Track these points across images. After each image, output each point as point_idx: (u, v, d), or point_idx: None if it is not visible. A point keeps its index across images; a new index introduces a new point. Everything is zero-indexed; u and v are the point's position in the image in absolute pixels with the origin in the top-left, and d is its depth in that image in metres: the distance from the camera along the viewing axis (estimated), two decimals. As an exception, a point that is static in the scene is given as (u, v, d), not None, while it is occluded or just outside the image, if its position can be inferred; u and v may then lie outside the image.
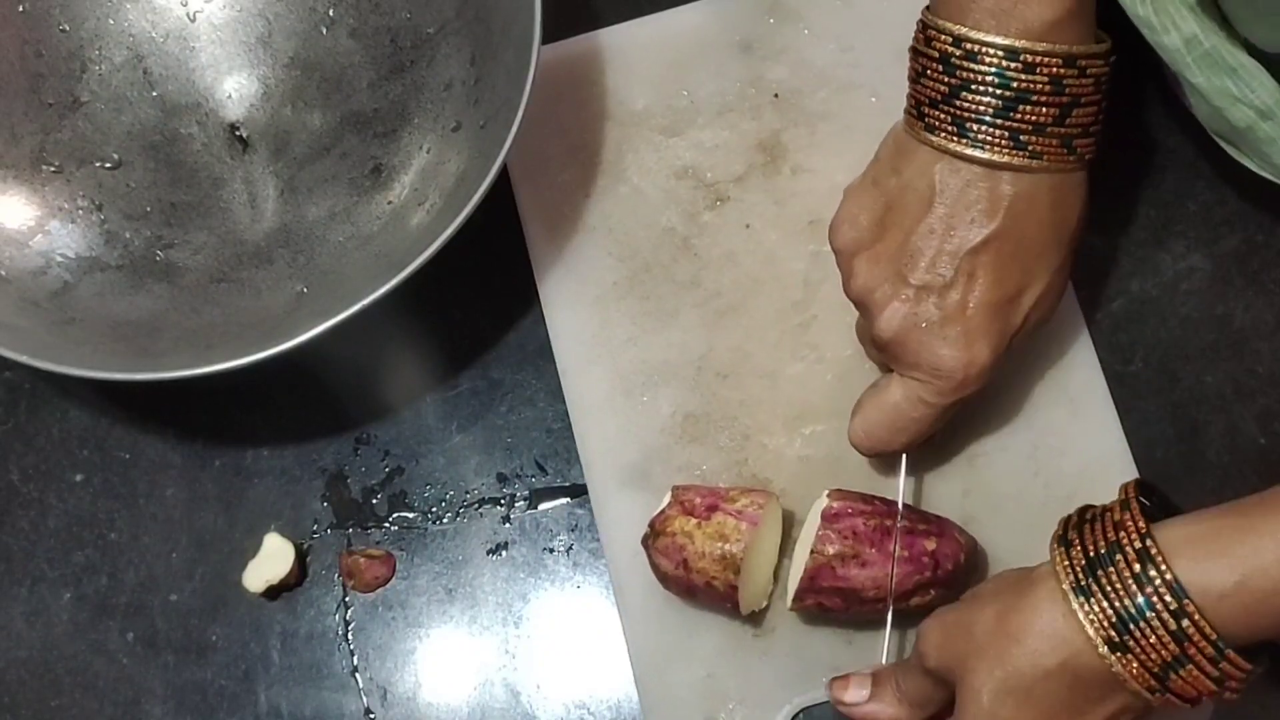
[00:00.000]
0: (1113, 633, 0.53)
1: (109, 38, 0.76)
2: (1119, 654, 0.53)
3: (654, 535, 0.65)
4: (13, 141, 0.73)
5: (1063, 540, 0.56)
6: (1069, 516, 0.57)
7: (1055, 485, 0.68)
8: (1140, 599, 0.52)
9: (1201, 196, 0.73)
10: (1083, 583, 0.53)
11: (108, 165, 0.75)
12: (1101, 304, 0.72)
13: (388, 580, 0.71)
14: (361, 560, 0.71)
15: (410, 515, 0.72)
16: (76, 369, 0.64)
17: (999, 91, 0.58)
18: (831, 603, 0.64)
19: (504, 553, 0.71)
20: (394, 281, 0.62)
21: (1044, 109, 0.58)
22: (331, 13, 0.76)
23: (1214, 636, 0.51)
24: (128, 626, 0.71)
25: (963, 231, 0.59)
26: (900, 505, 0.65)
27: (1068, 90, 0.58)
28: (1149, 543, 0.53)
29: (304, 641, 0.71)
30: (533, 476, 0.72)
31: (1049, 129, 0.58)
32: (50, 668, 0.71)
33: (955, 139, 0.59)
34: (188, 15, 0.77)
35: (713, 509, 0.64)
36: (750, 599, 0.65)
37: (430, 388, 0.74)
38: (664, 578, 0.65)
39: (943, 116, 0.59)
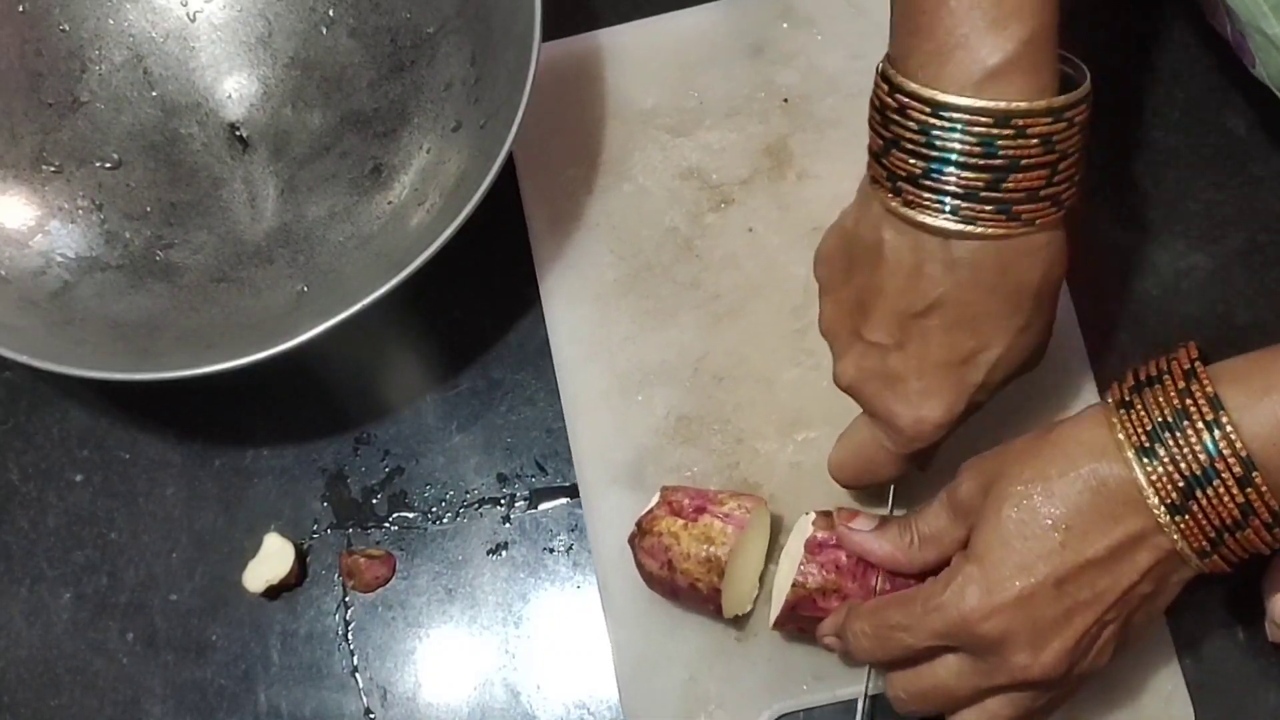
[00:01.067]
0: (1175, 496, 0.52)
1: (109, 38, 0.76)
2: (1178, 517, 0.52)
3: (641, 535, 0.65)
4: (13, 141, 0.73)
5: (1123, 404, 0.54)
6: (1123, 379, 0.56)
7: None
8: (1207, 465, 0.51)
9: (1202, 196, 0.73)
10: (1147, 445, 0.52)
11: (108, 165, 0.75)
12: (1101, 304, 0.72)
13: (388, 580, 0.71)
14: (361, 560, 0.71)
15: (410, 515, 0.72)
16: (76, 369, 0.64)
17: (925, 151, 0.53)
18: (811, 629, 0.64)
19: (504, 553, 0.71)
20: (394, 281, 0.62)
21: (974, 174, 0.52)
22: (331, 13, 0.76)
23: (1275, 505, 0.51)
24: (128, 626, 0.71)
25: (909, 295, 0.56)
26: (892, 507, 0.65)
27: (1001, 153, 0.52)
28: (1220, 413, 0.51)
29: (304, 641, 0.71)
30: (533, 476, 0.72)
31: (981, 194, 0.53)
32: (50, 667, 0.71)
33: (891, 197, 0.55)
34: (188, 15, 0.77)
35: (700, 511, 0.64)
36: (733, 603, 0.65)
37: (430, 388, 0.74)
38: (649, 577, 0.65)
39: (880, 172, 0.55)
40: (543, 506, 0.72)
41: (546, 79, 0.72)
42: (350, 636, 0.71)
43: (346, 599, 0.71)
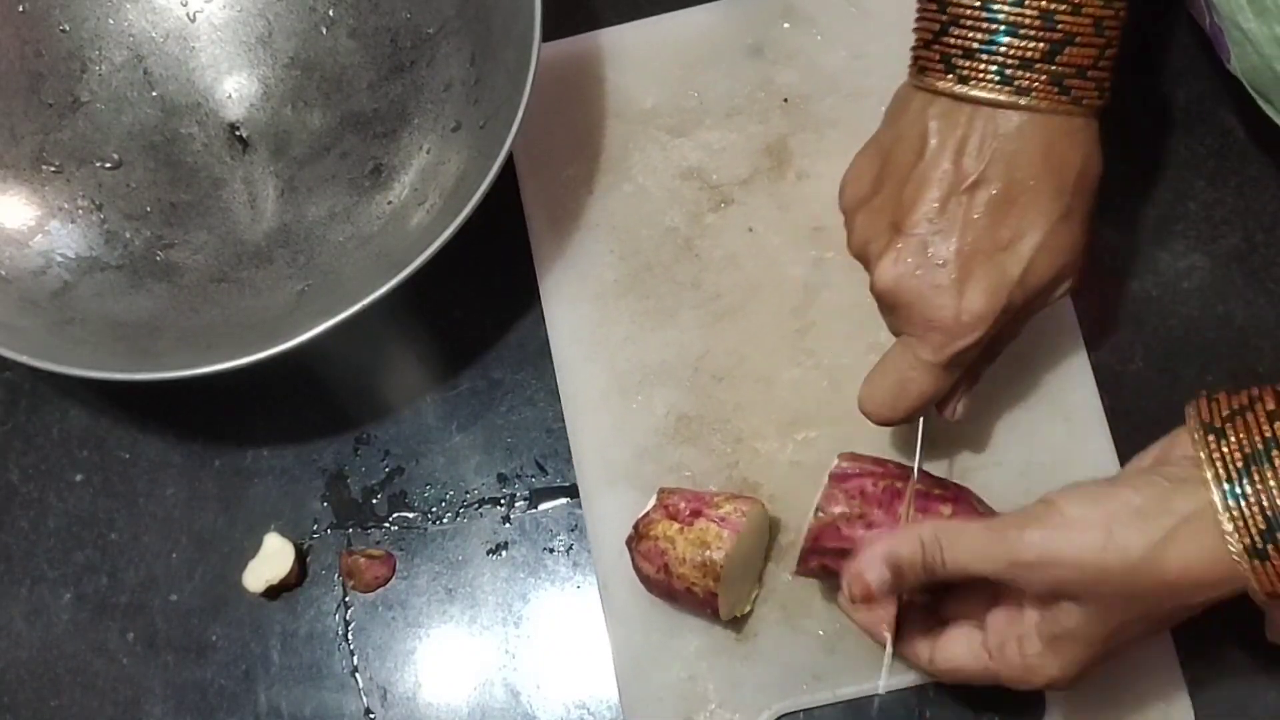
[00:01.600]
0: (1257, 539, 0.51)
1: (109, 38, 0.76)
2: (1256, 561, 0.51)
3: (637, 538, 0.65)
4: (13, 141, 0.73)
5: (1210, 428, 0.54)
6: (1213, 399, 0.55)
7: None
8: None
9: (1201, 196, 0.73)
10: (1234, 480, 0.52)
11: (108, 165, 0.75)
12: (1101, 304, 0.72)
13: (388, 580, 0.71)
14: (361, 560, 0.71)
15: (410, 515, 0.72)
16: (76, 369, 0.64)
17: (987, 24, 0.57)
18: (836, 565, 0.61)
19: (504, 553, 0.71)
20: (394, 281, 0.62)
21: (1032, 43, 0.56)
22: (331, 13, 0.76)
23: None
24: (128, 626, 0.71)
25: (953, 175, 0.58)
26: (916, 470, 0.63)
27: (1059, 26, 0.56)
28: None
29: (304, 641, 0.71)
30: (533, 476, 0.72)
31: (1037, 64, 0.57)
32: (50, 668, 0.71)
33: (942, 76, 0.58)
34: (188, 15, 0.77)
35: (697, 514, 0.64)
36: (730, 606, 0.65)
37: (430, 388, 0.74)
38: (645, 580, 0.65)
39: (932, 56, 0.59)
40: (543, 506, 0.72)
41: (546, 79, 0.72)
42: (350, 636, 0.71)
43: (346, 599, 0.71)
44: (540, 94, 0.66)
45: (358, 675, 0.70)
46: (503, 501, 0.72)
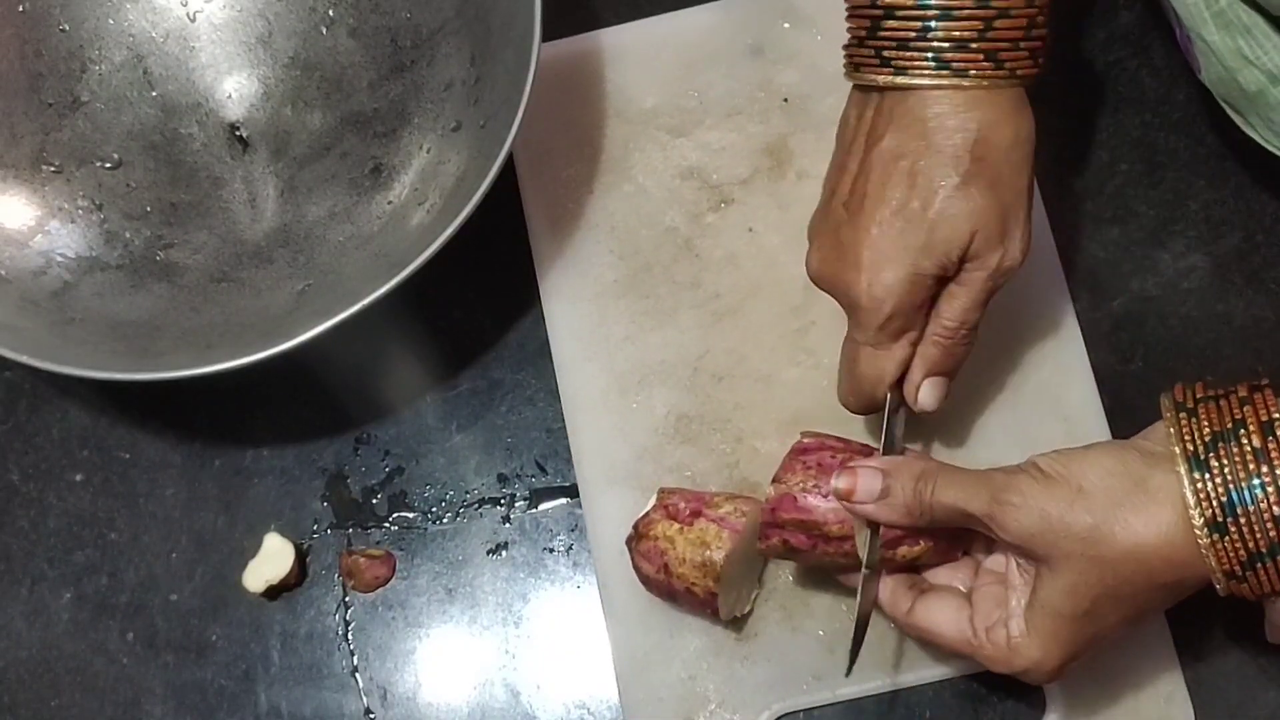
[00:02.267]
0: (1218, 512, 0.53)
1: (109, 38, 0.76)
2: (1216, 535, 0.53)
3: (637, 538, 0.65)
4: (13, 141, 0.73)
5: (1182, 408, 0.55)
6: (1188, 387, 0.56)
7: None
8: (1255, 481, 0.52)
9: (1201, 196, 0.73)
10: (1201, 457, 0.53)
11: (108, 165, 0.75)
12: (1101, 304, 0.72)
13: (388, 580, 0.71)
14: (361, 560, 0.71)
15: (410, 515, 0.72)
16: (76, 369, 0.64)
17: (920, 13, 0.58)
18: (796, 540, 0.61)
19: (504, 553, 0.71)
20: (394, 281, 0.62)
21: (966, 24, 0.57)
22: (331, 13, 0.76)
23: None
24: (128, 626, 0.71)
25: (864, 157, 0.60)
26: (882, 447, 0.62)
27: (992, 3, 0.57)
28: (1271, 438, 0.52)
29: (304, 641, 0.71)
30: (533, 476, 0.72)
31: (972, 44, 0.58)
32: (50, 668, 0.71)
33: (879, 71, 0.59)
34: (188, 15, 0.77)
35: (696, 515, 0.64)
36: (730, 606, 0.65)
37: (430, 388, 0.74)
38: (645, 580, 0.65)
39: (866, 52, 0.59)
40: (543, 506, 0.72)
41: (546, 79, 0.72)
42: (350, 636, 0.71)
43: (346, 599, 0.71)
44: (540, 94, 0.66)
45: (358, 675, 0.70)
46: (503, 501, 0.72)
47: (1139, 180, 0.74)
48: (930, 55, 0.58)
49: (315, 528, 0.72)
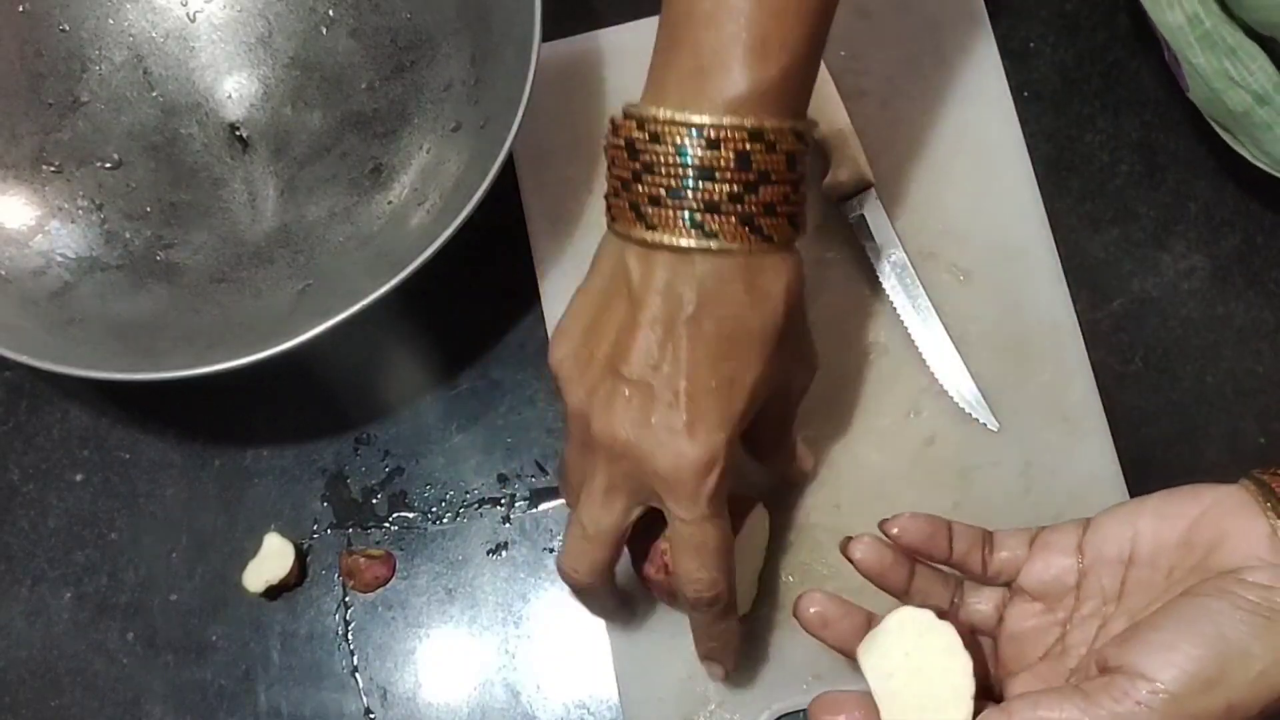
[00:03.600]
0: None
1: (109, 38, 0.76)
2: None
3: (636, 538, 0.65)
4: (13, 141, 0.73)
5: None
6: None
7: (1045, 504, 0.68)
8: None
9: (1201, 196, 0.73)
10: None
11: (108, 165, 0.75)
12: (1101, 304, 0.72)
13: (388, 580, 0.71)
14: (361, 560, 0.71)
15: (410, 515, 0.72)
16: (76, 369, 0.64)
17: (679, 170, 0.55)
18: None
19: (504, 553, 0.71)
20: (394, 281, 0.62)
21: (724, 185, 0.54)
22: (331, 13, 0.76)
23: None
24: (128, 626, 0.71)
25: (664, 317, 0.56)
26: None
27: (754, 166, 0.55)
28: None
29: (304, 641, 0.71)
30: (533, 476, 0.72)
31: (724, 207, 0.55)
32: (50, 668, 0.71)
33: (634, 225, 0.56)
34: (188, 15, 0.77)
35: None
36: None
37: (430, 388, 0.74)
38: (645, 581, 0.65)
39: (621, 204, 0.57)
40: (543, 506, 0.72)
41: (546, 79, 0.72)
42: (350, 636, 0.71)
43: (346, 599, 0.71)
44: (539, 94, 0.66)
45: (358, 675, 0.70)
46: (503, 501, 0.72)
47: (1139, 180, 0.74)
48: (685, 214, 0.55)
49: (315, 528, 0.72)
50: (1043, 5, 0.77)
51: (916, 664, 0.56)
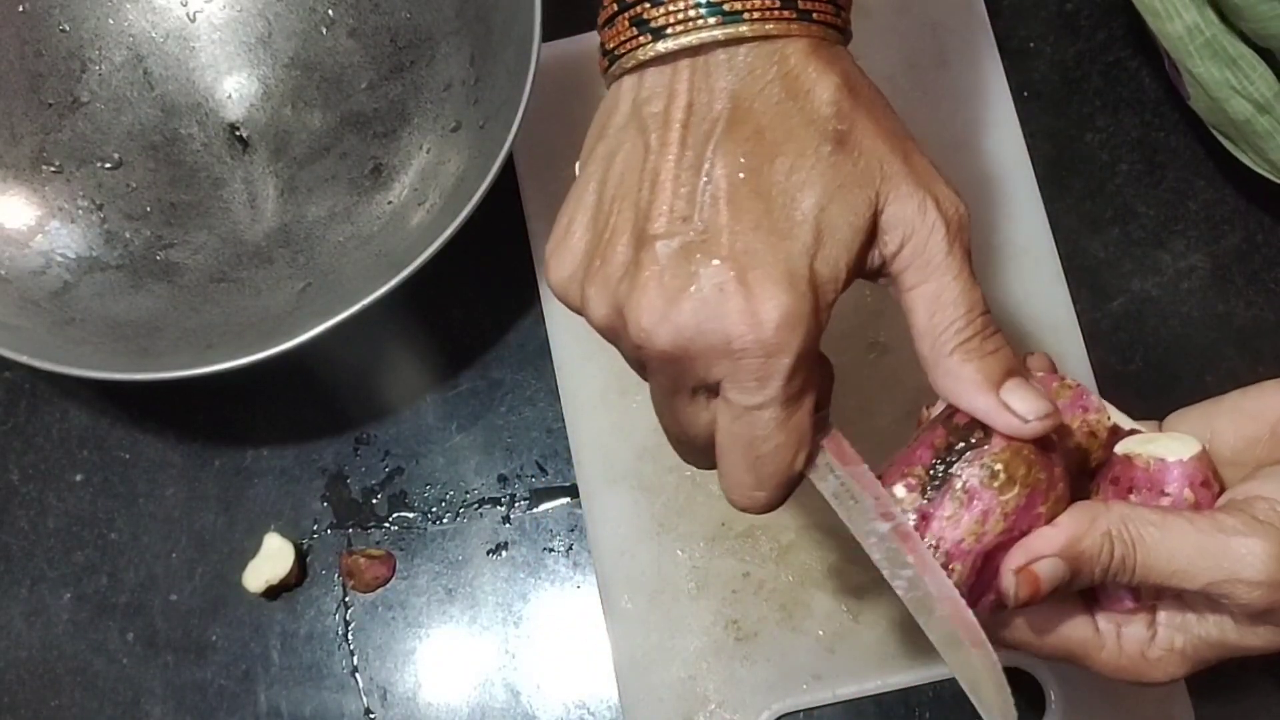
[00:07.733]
0: None
1: (109, 38, 0.76)
2: None
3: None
4: (13, 141, 0.73)
5: None
6: None
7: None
8: None
9: (1201, 196, 0.73)
10: None
11: (108, 165, 0.75)
12: (1101, 304, 0.72)
13: (388, 580, 0.71)
14: (361, 560, 0.71)
15: (410, 515, 0.72)
16: (76, 369, 0.64)
17: None
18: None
19: (504, 553, 0.71)
20: (394, 281, 0.62)
21: None
22: (331, 13, 0.76)
23: None
24: (128, 626, 0.71)
25: (691, 152, 0.45)
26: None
27: None
28: None
29: (304, 641, 0.71)
30: (533, 476, 0.72)
31: None
32: (50, 668, 0.71)
33: (639, 43, 0.46)
34: (188, 15, 0.77)
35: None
36: None
37: (430, 388, 0.74)
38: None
39: (621, 26, 0.47)
40: (543, 506, 0.72)
41: (546, 79, 0.72)
42: (350, 636, 0.71)
43: (346, 599, 0.71)
44: (539, 94, 0.66)
45: (358, 675, 0.70)
46: (503, 501, 0.72)
47: (1139, 180, 0.74)
48: (705, 7, 0.45)
49: (315, 528, 0.72)
50: (1043, 5, 0.77)
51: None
